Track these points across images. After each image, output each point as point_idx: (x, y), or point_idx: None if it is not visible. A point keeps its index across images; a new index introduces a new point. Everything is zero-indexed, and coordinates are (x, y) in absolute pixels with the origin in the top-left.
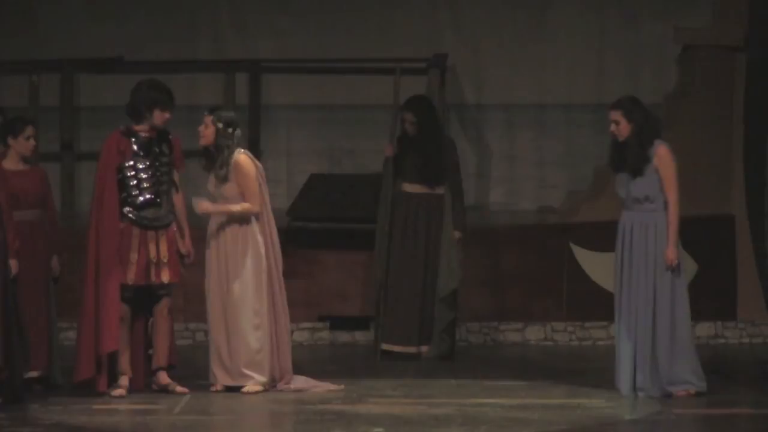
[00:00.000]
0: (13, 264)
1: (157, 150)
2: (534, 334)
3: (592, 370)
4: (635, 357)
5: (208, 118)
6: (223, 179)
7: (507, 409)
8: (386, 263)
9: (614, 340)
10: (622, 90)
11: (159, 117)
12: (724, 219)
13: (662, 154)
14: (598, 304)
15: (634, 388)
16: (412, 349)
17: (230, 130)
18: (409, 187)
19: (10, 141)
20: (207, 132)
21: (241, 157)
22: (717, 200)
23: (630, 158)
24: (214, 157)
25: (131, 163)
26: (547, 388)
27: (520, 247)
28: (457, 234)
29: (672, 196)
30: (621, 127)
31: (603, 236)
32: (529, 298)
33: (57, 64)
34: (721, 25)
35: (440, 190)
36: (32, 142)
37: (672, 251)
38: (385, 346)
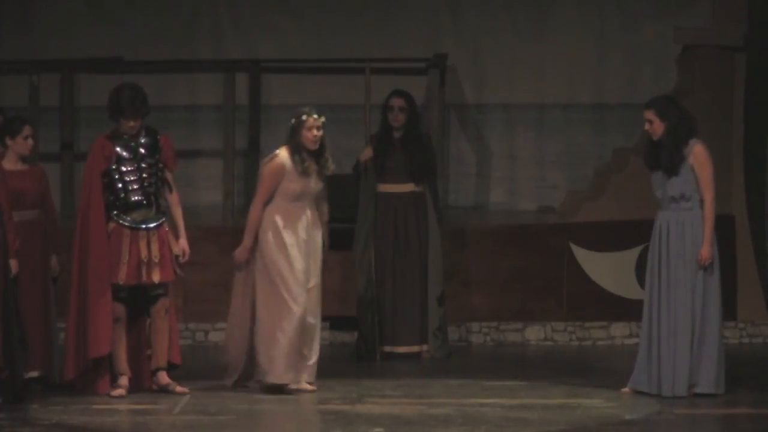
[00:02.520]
0: (13, 264)
1: (143, 151)
2: (534, 334)
3: (592, 370)
4: (675, 358)
5: (320, 121)
6: (324, 177)
7: (507, 409)
8: (374, 265)
9: (619, 340)
10: (622, 90)
11: (124, 124)
12: (724, 219)
13: (698, 153)
14: (598, 304)
15: (671, 388)
16: (416, 349)
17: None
18: (393, 187)
19: (9, 141)
20: (323, 134)
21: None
22: (717, 200)
23: (665, 157)
24: (310, 158)
25: (116, 166)
26: (547, 388)
27: (520, 247)
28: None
29: (708, 195)
30: (654, 126)
31: (603, 236)
32: (529, 298)
33: (57, 64)
34: (721, 25)
35: (421, 188)
36: (30, 141)
37: (707, 250)
38: (387, 348)
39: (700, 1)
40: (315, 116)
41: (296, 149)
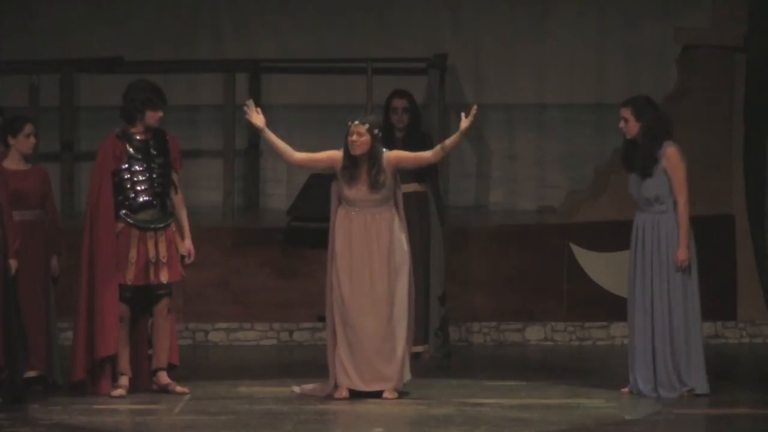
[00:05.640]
0: (13, 264)
1: (153, 152)
2: (534, 334)
3: (592, 370)
4: (654, 358)
5: (362, 128)
6: (381, 185)
7: (507, 409)
8: None
9: (619, 340)
10: (622, 90)
11: (152, 117)
12: (724, 219)
13: (670, 155)
14: (598, 304)
15: (655, 389)
16: (419, 349)
17: (380, 134)
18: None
19: (10, 140)
20: (363, 141)
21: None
22: (717, 200)
23: (638, 158)
24: (362, 165)
25: (127, 166)
26: (547, 388)
27: (520, 247)
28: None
29: (681, 197)
30: (629, 124)
31: (603, 236)
32: (529, 298)
33: (57, 64)
34: (721, 25)
35: (423, 188)
36: (32, 140)
37: (683, 253)
38: None
39: (700, 1)
40: (356, 122)
41: (345, 153)
